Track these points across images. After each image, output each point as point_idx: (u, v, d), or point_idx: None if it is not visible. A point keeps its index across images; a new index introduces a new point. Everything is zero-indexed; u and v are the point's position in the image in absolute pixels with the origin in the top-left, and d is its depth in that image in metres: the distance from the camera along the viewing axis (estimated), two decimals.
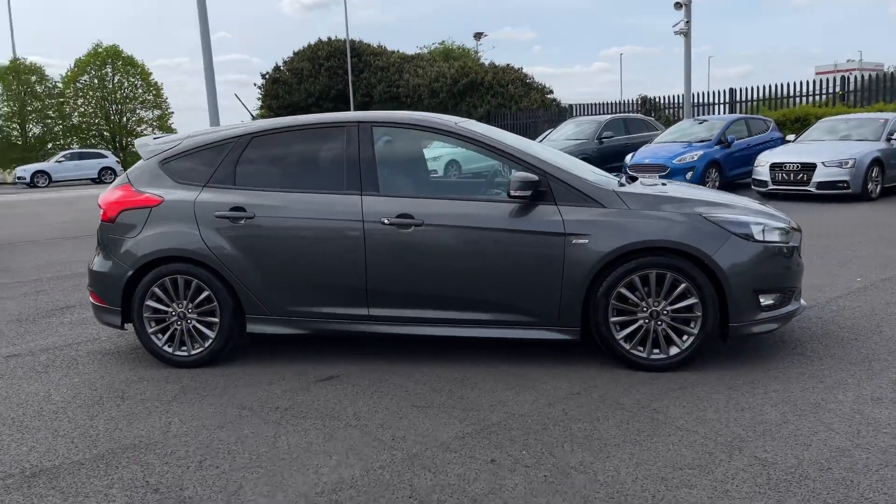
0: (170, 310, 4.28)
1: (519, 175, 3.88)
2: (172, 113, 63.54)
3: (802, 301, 4.34)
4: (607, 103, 24.75)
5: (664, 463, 2.87)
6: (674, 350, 3.92)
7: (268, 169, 4.36)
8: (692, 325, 3.88)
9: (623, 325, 3.94)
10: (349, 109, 33.74)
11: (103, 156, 36.70)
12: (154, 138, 4.71)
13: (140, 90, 56.80)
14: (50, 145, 50.52)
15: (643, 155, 14.02)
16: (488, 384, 3.84)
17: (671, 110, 22.46)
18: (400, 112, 4.49)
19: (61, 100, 55.47)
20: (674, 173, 13.33)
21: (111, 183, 4.70)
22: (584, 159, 15.10)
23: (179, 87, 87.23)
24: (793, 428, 3.15)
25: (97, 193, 5.32)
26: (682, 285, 3.85)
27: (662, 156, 13.66)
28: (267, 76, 37.66)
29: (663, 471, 2.80)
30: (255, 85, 38.87)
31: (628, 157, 14.25)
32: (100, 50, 55.51)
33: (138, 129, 58.08)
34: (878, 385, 3.62)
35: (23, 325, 5.56)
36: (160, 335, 4.32)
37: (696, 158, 13.40)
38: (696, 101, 21.24)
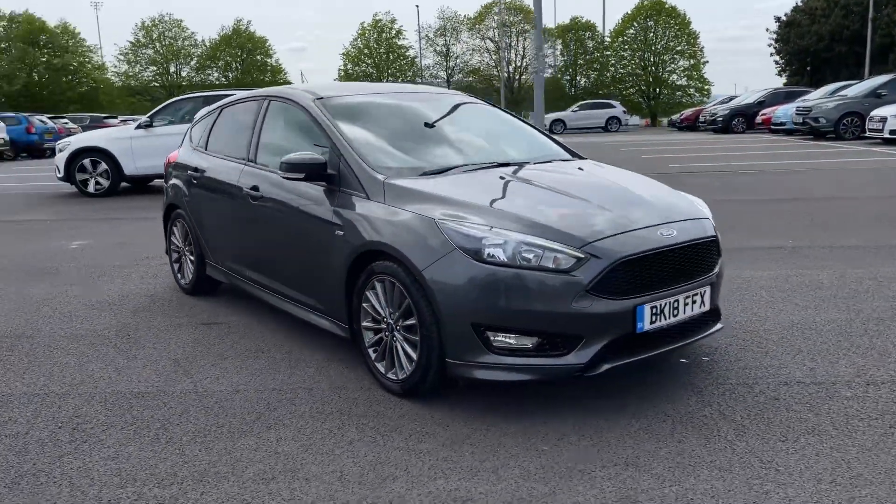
0: (180, 246, 5.39)
1: (287, 156, 3.67)
2: (707, 62, 62.70)
3: (635, 357, 3.00)
4: None
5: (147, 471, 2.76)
6: (402, 374, 3.27)
7: (221, 136, 4.97)
8: (417, 350, 3.17)
9: (376, 333, 3.45)
10: (864, 53, 28.31)
11: (611, 105, 39.33)
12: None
13: (677, 41, 58.13)
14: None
15: None
16: (267, 359, 3.90)
17: None
18: (292, 87, 4.52)
19: (607, 52, 60.67)
20: None
21: (615, 131, 5.85)
22: None
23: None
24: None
25: (597, 142, 6.32)
26: (406, 301, 3.16)
27: None
28: (783, 19, 34.17)
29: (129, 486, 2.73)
30: (767, 30, 35.69)
31: None
32: (645, 3, 58.38)
33: (670, 78, 59.67)
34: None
35: None
36: (176, 265, 5.49)
37: None
38: None
